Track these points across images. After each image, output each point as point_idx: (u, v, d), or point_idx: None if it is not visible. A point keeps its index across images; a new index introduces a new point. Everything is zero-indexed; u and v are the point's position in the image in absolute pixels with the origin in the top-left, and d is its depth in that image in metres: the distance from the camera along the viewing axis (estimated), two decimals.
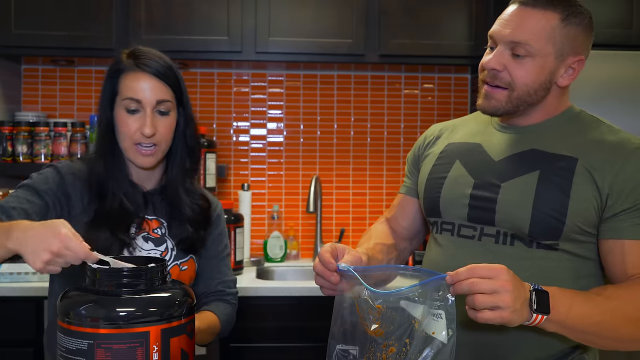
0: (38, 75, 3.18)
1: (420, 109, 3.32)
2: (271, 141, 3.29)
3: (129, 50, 1.54)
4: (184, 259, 1.58)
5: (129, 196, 1.53)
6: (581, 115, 1.43)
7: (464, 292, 1.11)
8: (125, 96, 1.49)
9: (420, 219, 1.61)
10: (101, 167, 1.53)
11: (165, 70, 1.51)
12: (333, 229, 3.30)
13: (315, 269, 1.26)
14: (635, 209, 1.28)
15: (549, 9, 1.34)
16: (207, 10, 2.84)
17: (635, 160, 1.30)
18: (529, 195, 1.32)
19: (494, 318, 1.10)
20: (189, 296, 1.14)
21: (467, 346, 1.37)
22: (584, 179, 1.30)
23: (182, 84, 1.55)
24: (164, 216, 1.58)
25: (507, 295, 1.09)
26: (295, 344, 2.54)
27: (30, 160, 2.89)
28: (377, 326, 1.18)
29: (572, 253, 1.33)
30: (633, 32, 2.88)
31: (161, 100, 1.49)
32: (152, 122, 1.48)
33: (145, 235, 1.54)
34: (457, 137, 1.51)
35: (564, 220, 1.29)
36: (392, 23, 2.88)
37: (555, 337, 1.28)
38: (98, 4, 2.80)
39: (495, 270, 1.11)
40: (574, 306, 1.17)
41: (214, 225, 1.66)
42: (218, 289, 1.67)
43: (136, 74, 1.49)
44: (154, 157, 1.52)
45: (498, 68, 1.34)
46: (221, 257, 1.69)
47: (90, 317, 1.03)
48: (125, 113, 1.49)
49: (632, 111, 2.60)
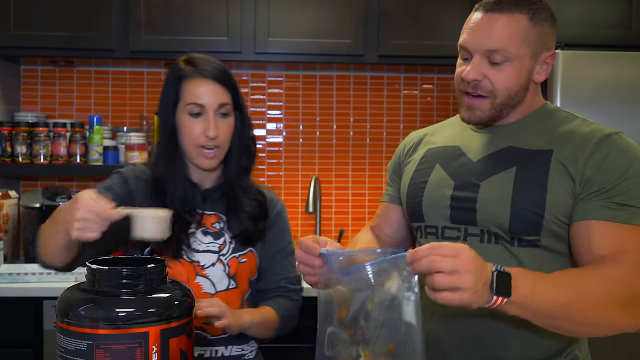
0: (37, 75, 3.18)
1: (420, 110, 3.32)
2: (270, 142, 3.29)
3: (185, 58, 1.61)
4: (242, 252, 1.62)
5: (188, 198, 1.60)
6: (555, 111, 1.44)
7: (423, 270, 1.07)
8: (189, 101, 1.56)
9: (405, 226, 1.61)
10: (163, 168, 1.60)
11: (223, 74, 1.58)
12: (332, 229, 3.30)
13: (297, 257, 1.26)
14: (602, 191, 1.27)
15: (516, 11, 1.34)
16: (206, 11, 2.84)
17: (604, 146, 1.30)
18: (507, 192, 1.33)
19: (454, 300, 1.06)
20: (188, 297, 1.14)
21: (457, 345, 1.38)
22: (558, 171, 1.30)
23: (238, 88, 1.62)
24: (223, 211, 1.64)
25: (468, 275, 1.05)
26: (294, 344, 2.54)
27: (30, 160, 2.89)
28: (343, 308, 1.17)
29: (554, 250, 1.33)
30: (632, 32, 2.89)
31: (222, 104, 1.57)
32: (215, 125, 1.55)
33: (204, 230, 1.60)
34: (436, 141, 1.53)
35: (543, 214, 1.30)
36: (391, 24, 2.88)
37: (546, 334, 1.27)
38: (97, 4, 2.80)
39: (456, 249, 1.06)
40: (537, 288, 1.13)
41: (276, 221, 1.70)
42: (280, 285, 1.69)
43: (197, 80, 1.56)
44: (217, 158, 1.59)
45: (478, 78, 1.35)
46: (284, 254, 1.71)
47: (89, 317, 1.03)
48: (189, 117, 1.56)
49: (631, 112, 2.60)
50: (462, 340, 1.37)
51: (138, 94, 3.23)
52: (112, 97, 3.22)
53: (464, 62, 1.40)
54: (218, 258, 1.59)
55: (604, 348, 1.69)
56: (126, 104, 3.23)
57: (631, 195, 1.27)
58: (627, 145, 1.32)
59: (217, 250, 1.59)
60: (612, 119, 2.57)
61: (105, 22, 2.80)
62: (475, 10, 1.39)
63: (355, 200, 3.31)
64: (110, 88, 3.21)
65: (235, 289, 1.60)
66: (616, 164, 1.28)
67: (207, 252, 1.58)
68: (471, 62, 1.36)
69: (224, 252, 1.60)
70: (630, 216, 1.26)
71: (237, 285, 1.61)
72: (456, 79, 1.41)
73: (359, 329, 1.14)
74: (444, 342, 1.39)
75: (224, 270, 1.59)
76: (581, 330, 1.26)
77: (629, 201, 1.27)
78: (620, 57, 2.62)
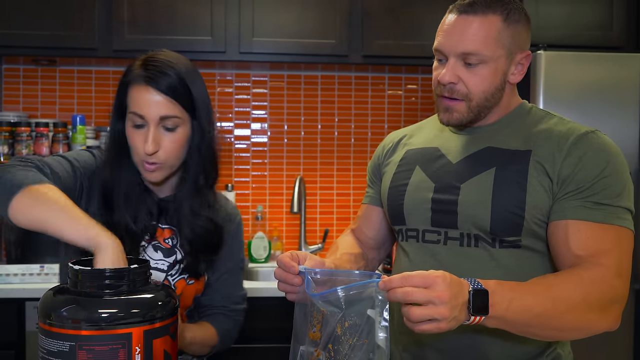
0: (19, 75, 3.15)
1: (404, 110, 3.33)
2: (255, 141, 3.28)
3: (143, 57, 1.46)
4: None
5: (140, 207, 1.48)
6: (532, 110, 1.44)
7: (397, 300, 1.07)
8: (131, 110, 1.42)
9: (386, 228, 1.60)
10: (108, 175, 1.46)
11: (173, 84, 1.40)
12: (317, 229, 3.30)
13: (276, 275, 1.24)
14: (579, 190, 1.28)
15: (489, 13, 1.33)
16: (190, 10, 2.83)
17: (581, 145, 1.31)
18: (487, 194, 1.33)
19: (431, 329, 1.06)
20: (172, 297, 1.13)
21: (440, 353, 1.38)
22: (537, 171, 1.31)
23: (198, 97, 1.44)
24: (177, 226, 1.53)
25: (443, 307, 1.04)
26: (281, 344, 2.53)
27: None
28: (316, 330, 1.17)
29: (535, 250, 1.34)
30: (614, 34, 2.92)
31: (165, 116, 1.40)
32: (155, 139, 1.40)
33: (155, 244, 1.50)
34: (415, 143, 1.52)
35: (523, 214, 1.30)
36: (375, 24, 2.89)
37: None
38: (80, 3, 2.78)
39: (430, 279, 1.05)
40: (514, 300, 1.14)
41: (230, 240, 1.60)
42: (223, 304, 1.62)
43: (141, 88, 1.40)
44: (159, 173, 1.44)
45: (454, 81, 1.34)
46: (233, 272, 1.63)
47: (71, 318, 1.02)
48: (131, 127, 1.43)
49: (614, 112, 2.63)
50: (443, 349, 1.37)
51: None
52: (95, 96, 3.20)
53: (439, 64, 1.39)
54: (165, 278, 1.50)
55: (585, 346, 1.70)
56: (109, 103, 3.19)
57: (608, 195, 1.27)
58: (604, 143, 1.32)
59: (166, 270, 1.50)
60: (594, 120, 2.59)
61: (88, 20, 2.79)
62: (449, 12, 1.39)
63: (340, 200, 3.32)
64: (94, 87, 3.19)
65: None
66: (593, 163, 1.29)
67: (154, 270, 1.48)
68: (446, 64, 1.36)
69: (172, 273, 1.50)
70: (607, 216, 1.26)
71: (179, 304, 1.52)
72: (433, 82, 1.41)
73: (328, 352, 1.15)
74: (426, 352, 1.40)
75: None
76: (559, 336, 1.27)
77: (606, 200, 1.27)
78: (602, 58, 2.65)
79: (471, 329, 1.30)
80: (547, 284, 1.21)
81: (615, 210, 1.27)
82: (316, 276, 1.20)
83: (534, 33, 1.48)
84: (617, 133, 2.61)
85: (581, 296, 1.19)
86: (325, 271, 1.22)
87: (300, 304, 1.23)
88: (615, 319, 1.24)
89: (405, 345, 1.44)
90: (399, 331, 1.45)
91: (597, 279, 1.22)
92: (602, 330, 1.24)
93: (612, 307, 1.23)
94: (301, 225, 3.22)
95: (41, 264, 2.59)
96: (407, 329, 1.16)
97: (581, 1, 2.92)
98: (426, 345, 1.39)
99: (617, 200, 1.27)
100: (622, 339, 2.62)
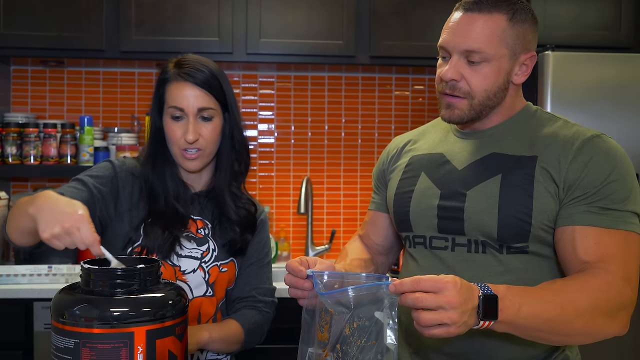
0: (27, 76, 3.16)
1: (411, 110, 3.33)
2: (262, 142, 3.28)
3: (175, 59, 1.60)
4: (224, 261, 1.61)
5: (180, 197, 1.60)
6: (537, 113, 1.42)
7: (408, 305, 1.07)
8: (170, 104, 1.55)
9: (393, 234, 1.60)
10: (149, 170, 1.60)
11: (207, 79, 1.55)
12: (324, 230, 3.30)
13: (286, 281, 1.25)
14: (586, 196, 1.27)
15: (494, 11, 1.33)
16: (198, 11, 2.84)
17: (586, 149, 1.30)
18: (493, 201, 1.32)
19: (441, 334, 1.07)
20: (182, 296, 1.13)
21: (448, 357, 1.37)
22: (543, 177, 1.30)
23: (228, 92, 1.60)
24: (209, 217, 1.63)
25: (453, 312, 1.05)
26: (288, 345, 2.53)
27: (20, 161, 2.88)
28: (324, 331, 1.17)
29: (542, 255, 1.33)
30: (622, 34, 2.91)
31: (203, 108, 1.55)
32: (195, 128, 1.54)
33: (188, 234, 1.59)
34: (420, 148, 1.51)
35: (530, 220, 1.29)
36: (383, 25, 2.89)
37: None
38: (88, 4, 2.79)
39: (441, 284, 1.05)
40: (524, 305, 1.14)
41: (256, 231, 1.68)
42: (250, 295, 1.67)
43: (179, 83, 1.55)
44: (199, 160, 1.58)
45: (456, 78, 1.34)
46: (260, 264, 1.69)
47: (78, 316, 1.03)
48: (170, 120, 1.56)
49: (622, 113, 2.62)
50: (451, 353, 1.37)
51: (129, 94, 3.22)
52: (103, 97, 3.21)
53: (443, 61, 1.39)
54: (200, 265, 1.58)
55: (593, 348, 1.70)
56: (117, 104, 3.22)
57: (614, 200, 1.26)
58: (609, 147, 1.30)
59: (200, 257, 1.58)
60: (602, 120, 2.58)
61: (96, 22, 2.80)
62: (455, 10, 1.38)
63: (347, 201, 3.31)
64: (101, 88, 3.20)
65: (211, 297, 1.59)
66: (599, 167, 1.28)
67: (189, 258, 1.57)
68: (449, 61, 1.35)
69: (206, 260, 1.59)
70: (614, 221, 1.25)
71: (214, 293, 1.59)
72: (436, 79, 1.40)
73: (336, 352, 1.15)
74: (434, 356, 1.40)
75: (203, 278, 1.57)
76: (568, 340, 1.27)
77: (613, 205, 1.26)
78: (610, 59, 2.64)
79: (480, 333, 1.29)
80: (556, 289, 1.21)
81: (622, 215, 1.26)
82: (325, 278, 1.20)
83: (541, 33, 1.48)
84: (625, 134, 2.60)
85: (590, 302, 1.19)
86: (334, 273, 1.22)
87: (308, 307, 1.23)
88: (624, 324, 1.24)
89: (414, 347, 1.44)
90: (407, 334, 1.45)
91: (604, 285, 1.21)
92: (611, 336, 1.24)
93: (620, 312, 1.23)
94: (308, 226, 3.22)
95: (49, 265, 2.59)
96: (416, 332, 1.15)
97: (589, 1, 2.91)
98: (434, 348, 1.39)
99: (624, 205, 1.27)
100: (630, 340, 2.60)
